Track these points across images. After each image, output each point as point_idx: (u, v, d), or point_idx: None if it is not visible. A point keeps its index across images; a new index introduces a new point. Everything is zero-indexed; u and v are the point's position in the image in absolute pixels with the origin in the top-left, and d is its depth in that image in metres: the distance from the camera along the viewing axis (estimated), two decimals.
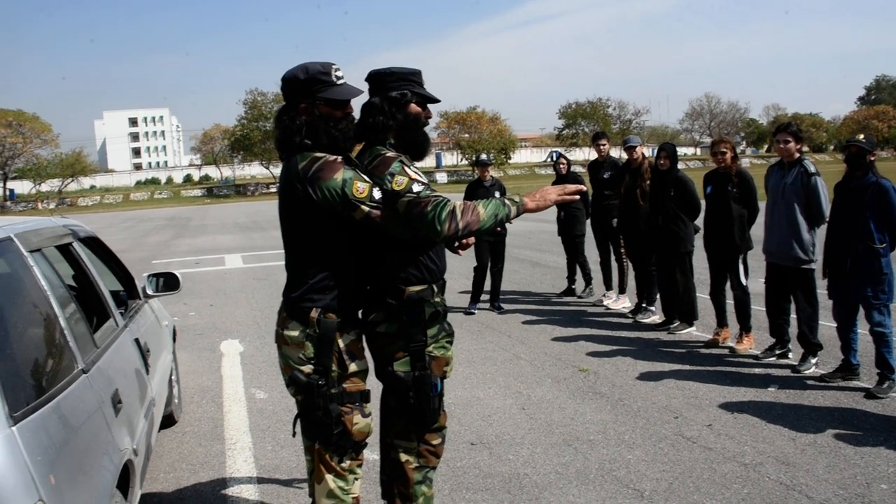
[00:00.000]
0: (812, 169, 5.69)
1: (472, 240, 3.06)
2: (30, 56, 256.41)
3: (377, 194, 2.73)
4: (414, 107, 2.96)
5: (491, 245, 8.57)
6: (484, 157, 9.02)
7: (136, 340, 3.84)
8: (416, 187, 2.76)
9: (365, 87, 2.99)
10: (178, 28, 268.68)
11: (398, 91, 2.92)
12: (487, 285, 8.76)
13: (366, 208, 2.72)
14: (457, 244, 3.06)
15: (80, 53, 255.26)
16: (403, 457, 3.05)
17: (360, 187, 2.71)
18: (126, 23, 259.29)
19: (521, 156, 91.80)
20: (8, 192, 69.53)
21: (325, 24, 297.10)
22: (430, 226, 2.71)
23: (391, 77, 2.95)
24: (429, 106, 3.04)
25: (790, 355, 6.03)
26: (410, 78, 2.97)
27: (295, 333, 2.83)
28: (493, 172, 8.93)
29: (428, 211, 2.71)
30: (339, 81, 2.84)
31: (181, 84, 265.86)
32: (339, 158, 2.79)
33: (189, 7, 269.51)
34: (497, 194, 8.17)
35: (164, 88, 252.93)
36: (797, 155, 5.79)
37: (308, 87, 2.81)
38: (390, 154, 2.86)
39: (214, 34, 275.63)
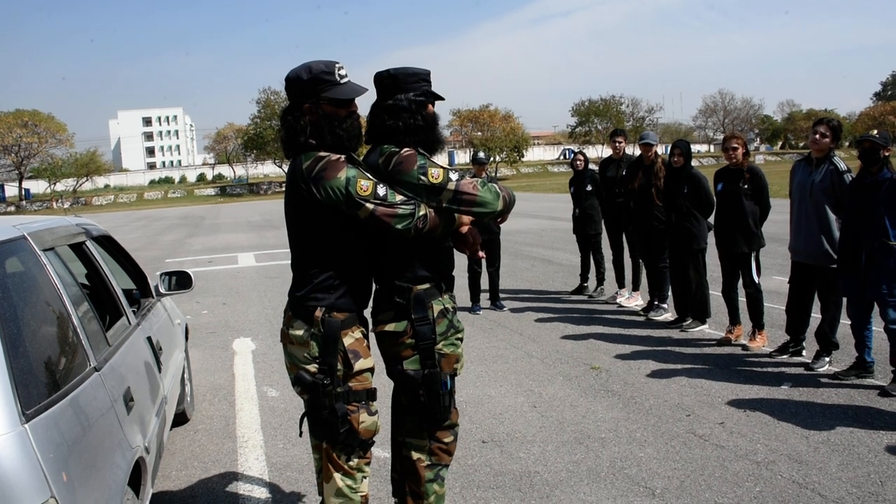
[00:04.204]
0: (843, 166, 5.54)
1: (479, 238, 3.07)
2: (43, 56, 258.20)
3: (381, 191, 2.74)
4: (430, 107, 2.98)
5: (484, 244, 8.39)
6: (482, 154, 8.89)
7: (149, 339, 3.86)
8: (453, 175, 2.84)
9: (371, 86, 2.99)
10: (191, 26, 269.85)
11: (417, 91, 2.94)
12: (485, 284, 8.73)
13: (370, 206, 2.72)
14: (464, 244, 3.05)
15: (94, 53, 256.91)
16: (415, 455, 3.05)
17: (364, 185, 2.72)
18: (137, 23, 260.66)
19: (533, 153, 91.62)
20: (23, 192, 70.09)
21: (334, 21, 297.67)
22: (490, 205, 2.86)
23: (412, 78, 2.95)
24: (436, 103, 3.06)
25: (804, 353, 5.99)
26: (427, 78, 3.00)
27: (300, 333, 2.84)
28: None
29: (481, 193, 2.84)
30: (343, 80, 2.83)
31: (194, 83, 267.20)
32: (342, 157, 2.79)
33: (203, 6, 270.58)
34: None
35: (177, 88, 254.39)
36: (827, 151, 5.67)
37: (311, 87, 2.80)
38: (406, 151, 2.87)
39: (227, 33, 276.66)
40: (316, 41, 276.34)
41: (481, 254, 3.13)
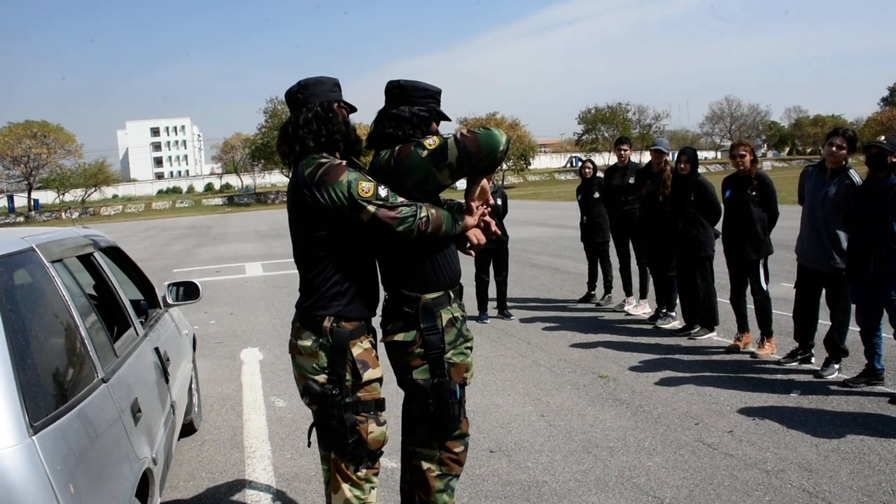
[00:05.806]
0: (858, 180, 5.43)
1: (483, 239, 3.07)
2: (50, 67, 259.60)
3: (382, 192, 2.75)
4: (434, 125, 3.00)
5: (492, 252, 8.41)
6: None
7: (156, 349, 3.87)
8: (445, 136, 2.89)
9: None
10: (196, 36, 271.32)
11: (425, 108, 2.97)
12: (493, 293, 8.72)
13: (372, 208, 2.73)
14: (469, 245, 3.06)
15: (102, 64, 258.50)
16: (425, 465, 3.05)
17: (366, 187, 2.74)
18: (145, 33, 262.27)
19: (540, 161, 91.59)
20: (32, 202, 70.45)
21: (335, 28, 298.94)
22: (494, 139, 2.82)
23: (421, 93, 2.99)
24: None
25: (813, 360, 5.95)
26: (436, 96, 3.04)
27: (308, 343, 2.84)
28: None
29: (480, 134, 2.83)
30: None
31: (201, 93, 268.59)
32: (344, 162, 2.83)
33: (214, 13, 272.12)
34: (499, 201, 8.17)
35: (184, 98, 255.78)
36: (843, 163, 5.61)
37: (338, 90, 2.96)
38: (399, 146, 2.92)
39: (233, 42, 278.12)
40: (317, 46, 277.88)
41: (496, 230, 3.14)
